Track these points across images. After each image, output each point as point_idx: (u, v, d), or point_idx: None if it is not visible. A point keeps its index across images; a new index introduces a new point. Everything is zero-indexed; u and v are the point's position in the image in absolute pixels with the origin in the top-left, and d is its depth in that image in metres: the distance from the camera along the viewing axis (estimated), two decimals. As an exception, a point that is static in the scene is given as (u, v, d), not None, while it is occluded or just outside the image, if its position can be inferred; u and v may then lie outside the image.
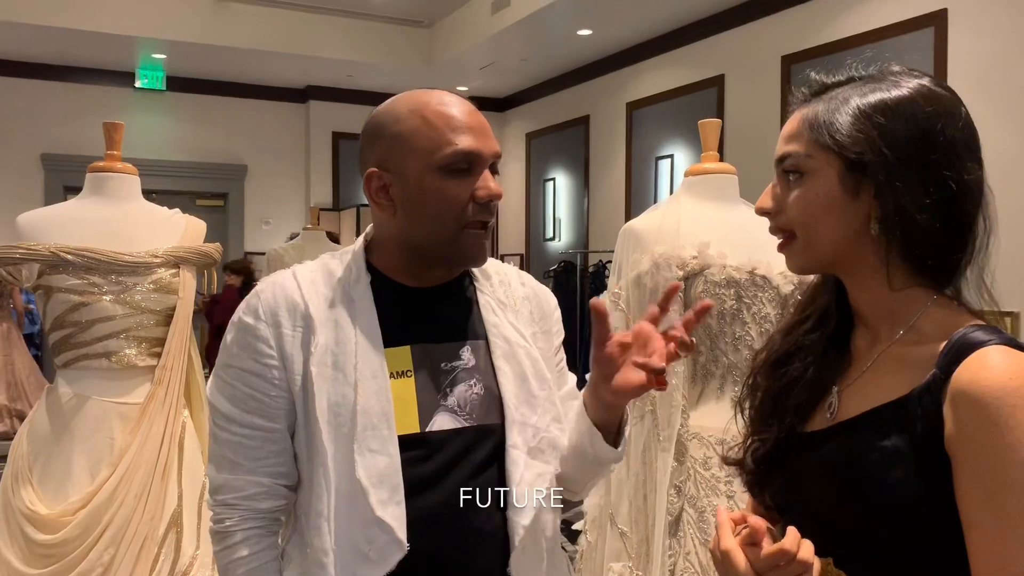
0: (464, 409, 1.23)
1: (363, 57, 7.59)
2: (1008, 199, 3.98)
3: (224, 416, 1.21)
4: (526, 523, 1.20)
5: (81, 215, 2.35)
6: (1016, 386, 0.85)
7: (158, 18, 6.84)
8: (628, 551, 2.06)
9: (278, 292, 1.22)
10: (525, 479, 1.21)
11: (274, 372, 1.19)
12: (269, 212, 8.57)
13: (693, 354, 2.08)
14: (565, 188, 7.97)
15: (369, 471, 1.14)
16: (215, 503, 1.23)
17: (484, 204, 1.20)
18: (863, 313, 1.05)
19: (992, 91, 4.16)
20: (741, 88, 5.86)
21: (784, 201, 1.02)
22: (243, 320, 1.21)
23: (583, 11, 6.01)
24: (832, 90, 1.02)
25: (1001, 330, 0.93)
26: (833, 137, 0.98)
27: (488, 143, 1.22)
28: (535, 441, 1.24)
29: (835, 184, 0.98)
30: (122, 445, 2.20)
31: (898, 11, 4.68)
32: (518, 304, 1.35)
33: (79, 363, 2.25)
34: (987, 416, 0.85)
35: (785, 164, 1.03)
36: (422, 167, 1.19)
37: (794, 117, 1.04)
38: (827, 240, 1.00)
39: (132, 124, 7.65)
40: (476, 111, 1.24)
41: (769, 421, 1.09)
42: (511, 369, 1.26)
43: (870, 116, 0.97)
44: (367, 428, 1.15)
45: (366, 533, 1.13)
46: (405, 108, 1.23)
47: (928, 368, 0.92)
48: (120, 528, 2.14)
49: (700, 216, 2.13)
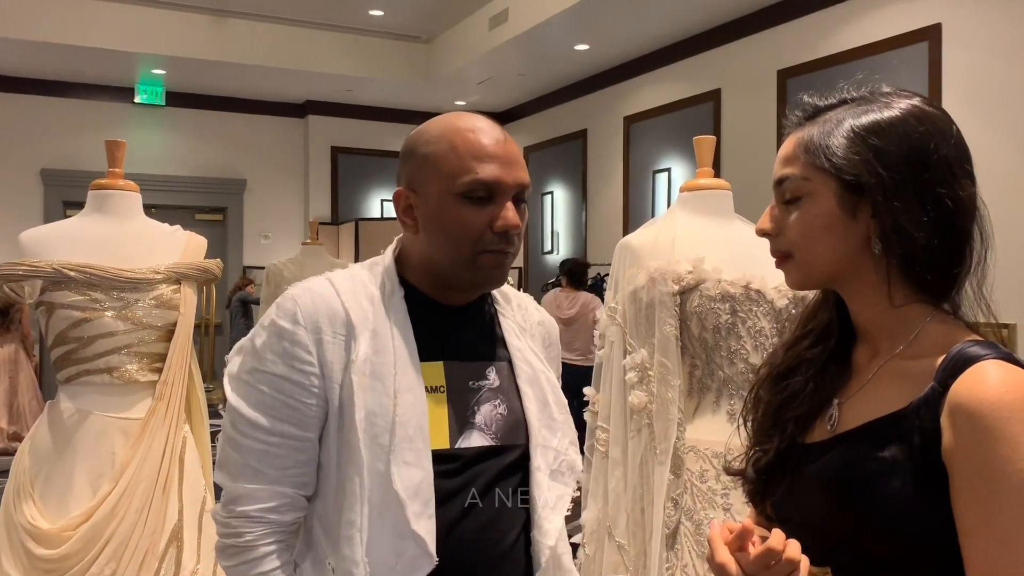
0: (491, 428, 1.24)
1: (362, 72, 7.64)
2: (1003, 211, 4.00)
3: (250, 423, 1.16)
4: (551, 544, 1.23)
5: (83, 232, 2.37)
6: (1011, 399, 0.87)
7: (158, 34, 6.88)
8: (626, 564, 2.08)
9: (317, 298, 1.19)
10: (549, 502, 1.24)
11: (313, 379, 1.16)
12: (268, 227, 8.60)
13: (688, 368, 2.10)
14: (563, 201, 8.00)
15: (405, 483, 1.13)
16: (230, 515, 1.17)
17: (502, 234, 1.20)
18: (864, 328, 1.07)
19: (985, 104, 4.19)
20: (737, 102, 5.89)
21: (784, 223, 1.05)
22: (279, 324, 1.18)
23: (580, 26, 6.05)
24: (825, 113, 1.04)
25: (998, 344, 0.95)
26: (829, 160, 1.00)
27: (513, 173, 1.21)
28: (556, 464, 1.27)
29: (833, 205, 1.00)
30: (123, 460, 2.21)
31: (893, 26, 4.72)
32: (534, 329, 1.37)
33: (81, 378, 2.27)
34: (983, 428, 0.86)
35: (783, 187, 1.04)
36: (443, 191, 1.20)
37: (789, 140, 1.06)
38: (826, 259, 1.02)
39: (131, 139, 7.68)
40: (508, 140, 1.24)
41: (770, 433, 1.11)
42: (534, 393, 1.29)
43: (864, 138, 0.99)
44: (404, 440, 1.15)
45: (397, 545, 1.13)
46: (437, 131, 1.24)
47: (926, 381, 0.94)
48: (121, 543, 2.15)
49: (695, 231, 2.16)
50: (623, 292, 2.16)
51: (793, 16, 5.40)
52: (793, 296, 2.01)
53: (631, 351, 2.12)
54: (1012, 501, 0.85)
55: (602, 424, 2.19)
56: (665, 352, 2.05)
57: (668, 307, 2.06)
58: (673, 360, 2.05)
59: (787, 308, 2.02)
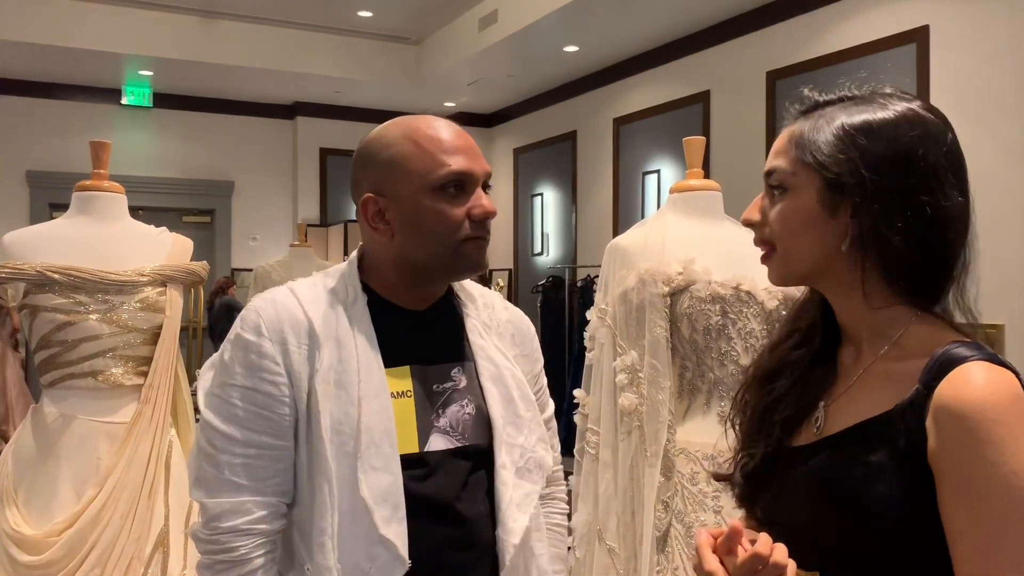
0: (456, 429, 1.25)
1: (351, 74, 7.61)
2: (989, 212, 4.01)
3: (226, 437, 1.17)
4: (516, 541, 1.23)
5: (67, 234, 2.34)
6: (997, 401, 0.86)
7: (145, 35, 6.84)
8: (616, 567, 2.07)
9: (280, 309, 1.21)
10: (514, 499, 1.24)
11: (283, 388, 1.18)
12: (256, 229, 8.55)
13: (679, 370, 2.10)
14: (553, 203, 7.99)
15: (373, 489, 1.15)
16: (215, 531, 1.17)
17: (479, 221, 1.24)
18: (847, 329, 1.06)
19: (973, 106, 4.21)
20: (727, 103, 5.90)
21: (769, 214, 1.05)
22: (245, 337, 1.19)
23: (569, 28, 6.05)
24: (822, 108, 1.04)
25: (983, 346, 0.94)
26: (814, 156, 1.00)
27: (479, 162, 1.25)
28: (522, 461, 1.27)
29: (814, 201, 1.00)
30: (108, 465, 2.19)
31: (881, 27, 4.73)
32: (501, 327, 1.38)
33: (65, 382, 2.24)
34: (969, 430, 0.86)
35: (771, 179, 1.05)
36: (417, 189, 1.22)
37: (783, 133, 1.06)
38: (805, 255, 1.02)
39: (118, 141, 7.65)
40: (464, 133, 1.28)
41: (757, 437, 1.10)
42: (498, 391, 1.29)
43: (853, 137, 0.99)
44: (370, 446, 1.16)
45: (369, 551, 1.14)
46: (396, 134, 1.25)
47: (911, 384, 0.93)
48: (106, 549, 2.12)
49: (685, 232, 2.15)
50: (613, 294, 2.15)
51: (782, 18, 5.41)
52: (784, 297, 2.01)
53: (621, 353, 2.11)
54: (1000, 503, 0.84)
55: (592, 426, 2.18)
56: (655, 354, 2.05)
57: (658, 309, 2.05)
58: (663, 362, 2.04)
59: (777, 309, 2.02)
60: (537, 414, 1.33)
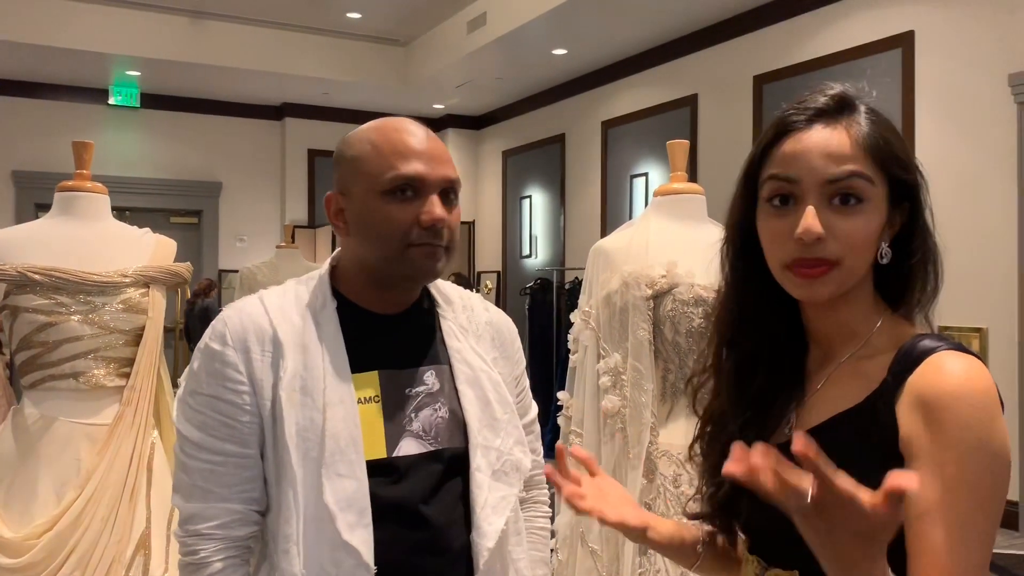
0: (429, 434, 1.24)
1: (339, 75, 7.61)
2: (972, 216, 4.06)
3: (194, 444, 1.20)
4: (490, 545, 1.22)
5: (49, 234, 2.33)
6: (971, 386, 0.88)
7: (133, 35, 6.82)
8: (599, 569, 2.07)
9: (245, 318, 1.22)
10: (489, 502, 1.24)
11: (245, 397, 1.18)
12: (244, 229, 8.53)
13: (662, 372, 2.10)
14: (541, 206, 8.01)
15: (337, 495, 1.15)
16: (186, 534, 1.20)
17: (428, 228, 1.21)
18: (817, 334, 1.06)
19: (956, 110, 4.24)
20: (714, 107, 5.93)
21: (834, 227, 0.94)
22: (210, 347, 1.21)
23: (558, 31, 6.06)
24: (858, 105, 0.98)
25: (947, 337, 0.95)
26: (896, 162, 0.95)
27: (438, 169, 1.23)
28: (499, 464, 1.27)
29: (884, 211, 0.96)
30: (89, 467, 2.18)
31: (867, 33, 4.77)
32: (480, 329, 1.37)
33: (46, 384, 2.23)
34: (944, 417, 0.87)
35: (840, 185, 0.94)
36: (367, 191, 1.22)
37: (833, 132, 0.95)
38: (861, 270, 0.97)
39: (105, 141, 7.63)
40: (433, 138, 1.26)
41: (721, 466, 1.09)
42: (474, 394, 1.28)
43: (902, 139, 0.98)
44: (335, 453, 1.16)
45: (333, 557, 1.14)
46: (362, 134, 1.26)
47: (880, 377, 0.94)
48: (87, 551, 2.11)
49: (668, 235, 2.16)
50: (597, 296, 2.16)
51: (769, 23, 5.44)
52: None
53: (604, 355, 2.11)
54: (971, 486, 0.86)
55: (575, 428, 2.18)
56: (638, 356, 2.05)
57: (641, 311, 2.05)
58: (646, 364, 2.05)
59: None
60: (515, 416, 1.32)
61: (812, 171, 0.95)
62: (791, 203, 0.96)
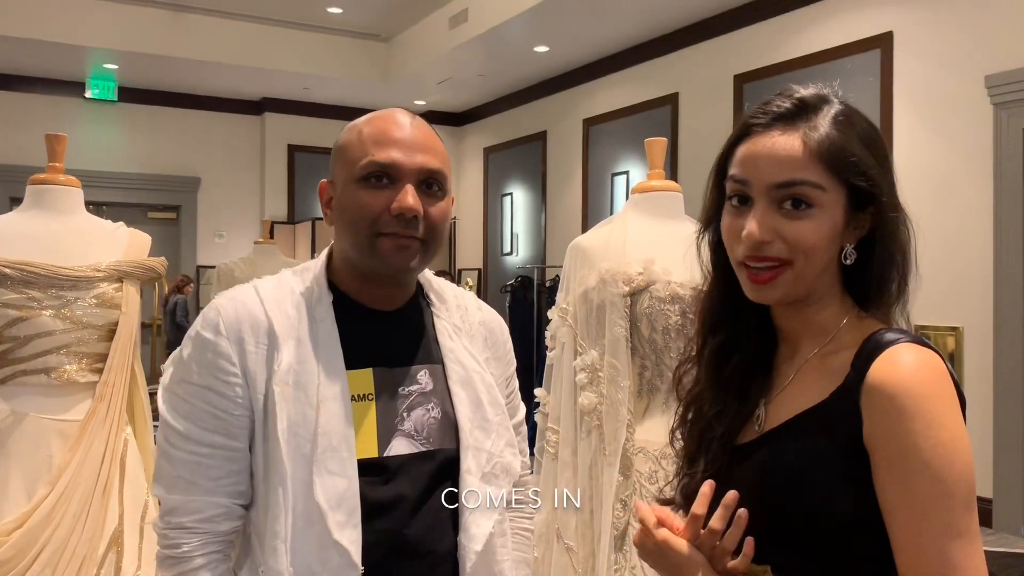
0: (421, 434, 1.23)
1: (320, 70, 7.56)
2: (948, 217, 4.10)
3: (180, 435, 1.16)
4: (478, 548, 1.21)
5: (21, 228, 2.29)
6: (923, 378, 0.89)
7: (110, 28, 6.74)
8: (575, 566, 2.07)
9: (240, 308, 1.19)
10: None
11: (237, 390, 1.16)
12: (222, 225, 8.47)
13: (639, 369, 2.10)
14: (523, 203, 8.00)
15: (328, 493, 1.13)
16: (167, 526, 1.17)
17: (398, 217, 1.19)
18: (787, 331, 1.07)
19: (934, 111, 4.27)
20: (694, 106, 5.95)
21: (781, 230, 0.96)
22: (202, 335, 1.18)
23: (540, 28, 6.06)
24: (821, 109, 0.98)
25: (907, 331, 0.97)
26: (852, 168, 0.95)
27: (415, 158, 1.21)
28: (489, 466, 1.25)
29: (840, 216, 0.97)
30: (61, 463, 2.15)
31: (846, 33, 4.80)
32: (473, 329, 1.35)
33: (16, 379, 2.19)
34: (899, 408, 0.88)
35: (788, 191, 0.95)
36: (346, 177, 1.22)
37: (787, 138, 0.96)
38: (818, 270, 0.98)
39: (82, 135, 7.55)
40: (420, 128, 1.25)
41: (696, 456, 1.11)
42: (466, 394, 1.27)
43: (873, 142, 0.98)
44: (327, 450, 1.14)
45: (321, 556, 1.13)
46: (356, 123, 1.27)
47: (844, 372, 0.95)
48: (57, 549, 2.08)
49: (646, 233, 2.16)
50: (574, 293, 2.16)
51: (749, 22, 5.46)
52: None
53: (581, 352, 2.11)
54: (930, 476, 0.87)
55: (552, 425, 2.18)
56: (615, 353, 2.05)
57: (618, 308, 2.06)
58: (623, 361, 2.05)
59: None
60: (506, 418, 1.31)
61: (761, 176, 0.97)
62: (748, 203, 0.98)
